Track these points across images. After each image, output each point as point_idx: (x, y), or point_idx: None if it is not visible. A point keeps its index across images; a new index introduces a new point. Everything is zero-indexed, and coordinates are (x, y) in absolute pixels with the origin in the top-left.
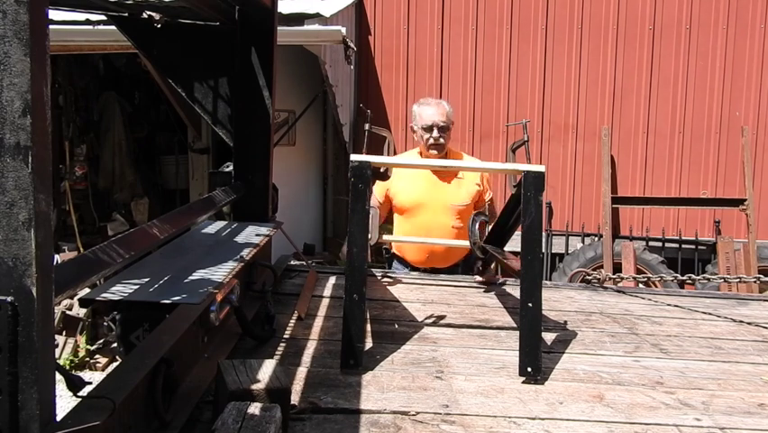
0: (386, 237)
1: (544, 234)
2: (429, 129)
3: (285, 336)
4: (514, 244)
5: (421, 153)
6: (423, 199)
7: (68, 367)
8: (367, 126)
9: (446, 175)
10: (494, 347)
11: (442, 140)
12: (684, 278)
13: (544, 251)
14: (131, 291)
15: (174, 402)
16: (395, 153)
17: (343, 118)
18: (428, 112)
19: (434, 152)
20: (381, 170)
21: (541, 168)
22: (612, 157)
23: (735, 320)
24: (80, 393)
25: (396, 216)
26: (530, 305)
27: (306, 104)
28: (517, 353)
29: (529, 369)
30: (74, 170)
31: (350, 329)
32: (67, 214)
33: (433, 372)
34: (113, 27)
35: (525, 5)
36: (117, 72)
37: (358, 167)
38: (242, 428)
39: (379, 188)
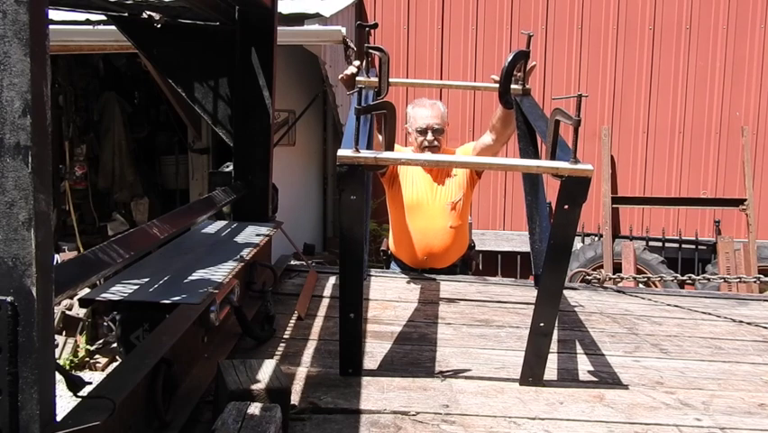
0: None
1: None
2: (423, 132)
3: (285, 336)
4: (515, 244)
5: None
6: (421, 200)
7: (68, 367)
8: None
9: (441, 173)
10: (494, 347)
11: (436, 142)
12: (684, 278)
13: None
14: (131, 291)
15: (174, 402)
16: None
17: (343, 118)
18: (423, 114)
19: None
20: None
21: (587, 169)
22: (612, 157)
23: (735, 320)
24: (80, 393)
25: (392, 217)
26: (541, 325)
27: (306, 104)
28: (517, 352)
29: (530, 379)
30: (74, 170)
31: (346, 348)
32: (67, 214)
33: (433, 372)
34: (113, 27)
35: (525, 5)
36: (117, 72)
37: (348, 172)
38: (242, 428)
39: None
